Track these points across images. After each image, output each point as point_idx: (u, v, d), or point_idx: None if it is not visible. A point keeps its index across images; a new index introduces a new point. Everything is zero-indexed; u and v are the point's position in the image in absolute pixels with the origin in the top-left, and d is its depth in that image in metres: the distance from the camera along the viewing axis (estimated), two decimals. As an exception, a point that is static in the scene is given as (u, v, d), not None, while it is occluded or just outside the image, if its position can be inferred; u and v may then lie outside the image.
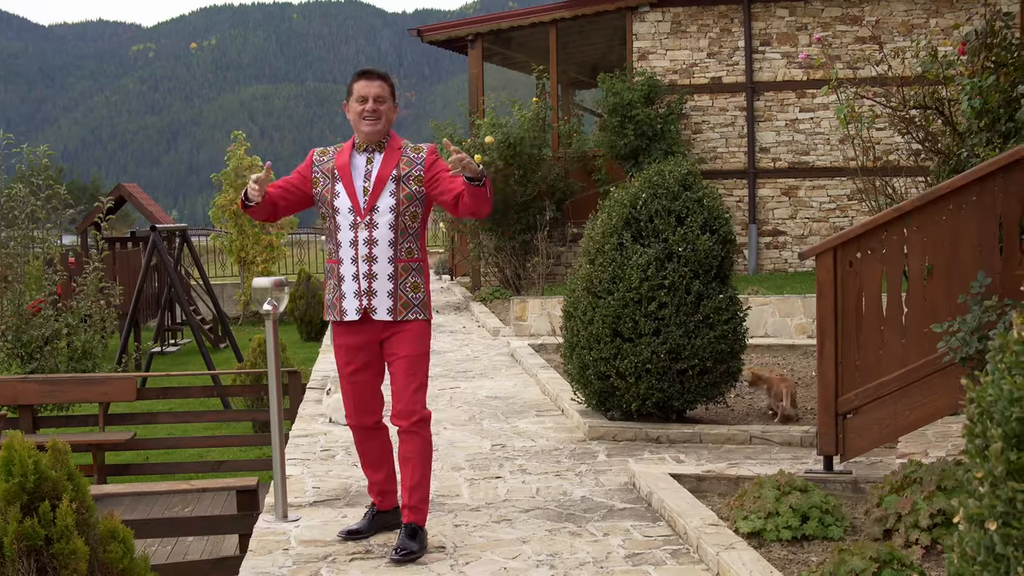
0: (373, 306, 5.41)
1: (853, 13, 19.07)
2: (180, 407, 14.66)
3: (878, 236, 6.11)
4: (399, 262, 5.42)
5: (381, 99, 5.44)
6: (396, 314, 5.41)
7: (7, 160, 15.25)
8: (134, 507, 10.91)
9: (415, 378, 5.43)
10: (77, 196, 18.65)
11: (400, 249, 5.42)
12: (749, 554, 4.94)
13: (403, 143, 5.53)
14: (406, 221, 5.42)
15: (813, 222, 19.39)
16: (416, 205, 5.44)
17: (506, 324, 14.76)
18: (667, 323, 7.90)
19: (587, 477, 6.95)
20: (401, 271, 5.42)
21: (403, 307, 5.42)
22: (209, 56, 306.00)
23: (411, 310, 5.44)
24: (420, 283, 5.47)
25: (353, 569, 5.18)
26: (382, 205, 5.39)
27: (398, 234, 5.41)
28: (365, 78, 5.48)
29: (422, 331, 5.49)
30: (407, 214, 5.42)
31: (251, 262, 26.69)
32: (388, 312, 5.41)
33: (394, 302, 5.41)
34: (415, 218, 5.45)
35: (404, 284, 5.42)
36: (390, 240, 5.39)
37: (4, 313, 14.38)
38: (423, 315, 5.48)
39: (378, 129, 5.44)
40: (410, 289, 5.44)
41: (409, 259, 5.45)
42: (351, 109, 5.49)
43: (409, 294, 5.43)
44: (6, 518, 3.87)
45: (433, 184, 5.42)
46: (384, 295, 5.41)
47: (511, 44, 22.28)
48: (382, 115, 5.44)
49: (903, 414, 6.02)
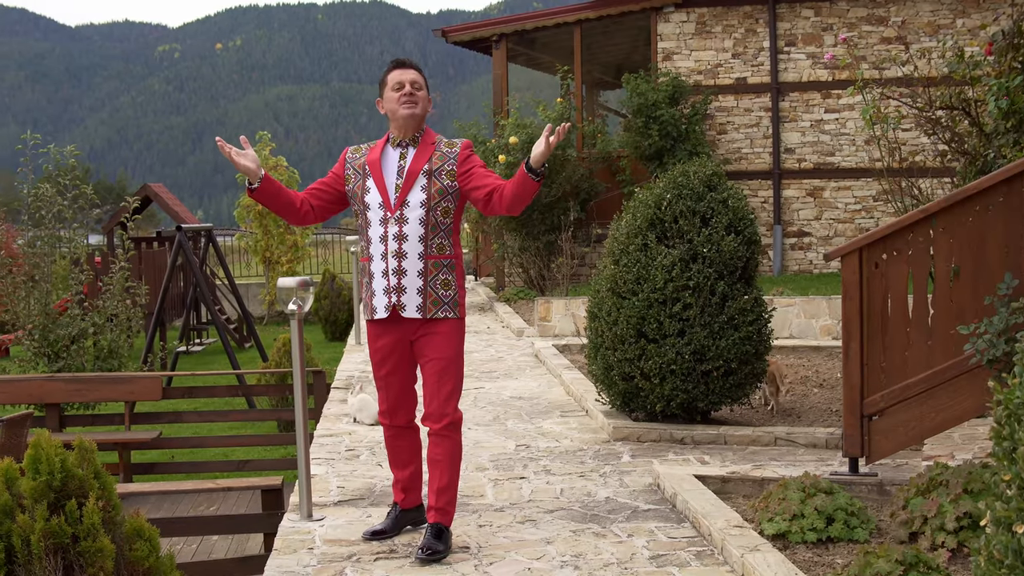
0: (402, 303, 5.33)
1: (879, 13, 19.00)
2: (205, 406, 14.72)
3: (904, 237, 6.08)
4: (429, 258, 5.32)
5: (417, 85, 5.39)
6: (426, 312, 5.32)
7: (34, 160, 15.32)
8: (159, 506, 10.96)
9: (447, 382, 5.36)
10: (103, 196, 18.75)
11: (431, 245, 5.32)
12: (774, 556, 4.93)
13: (437, 138, 5.45)
14: (437, 216, 5.33)
15: (838, 223, 19.32)
16: (448, 200, 5.35)
17: (530, 325, 14.76)
18: (692, 324, 7.88)
19: (611, 478, 6.95)
20: (431, 267, 5.33)
21: (433, 304, 5.33)
22: (234, 56, 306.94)
23: (441, 308, 5.35)
24: (451, 280, 5.38)
25: (378, 568, 5.19)
26: (412, 200, 5.31)
27: (428, 229, 5.31)
28: (400, 67, 5.43)
29: (454, 332, 5.39)
30: (438, 209, 5.32)
31: (276, 262, 26.75)
32: (417, 309, 5.32)
33: (423, 299, 5.32)
34: (447, 213, 5.35)
35: (434, 281, 5.33)
36: (420, 235, 5.30)
37: (31, 312, 14.45)
38: (454, 313, 5.37)
39: (416, 112, 5.36)
40: (440, 286, 5.34)
41: (440, 255, 5.35)
42: (386, 99, 5.41)
43: (439, 291, 5.34)
44: (33, 516, 3.90)
45: (466, 179, 5.33)
46: (413, 292, 5.32)
47: (535, 45, 22.27)
48: (419, 100, 5.37)
49: (929, 416, 5.99)
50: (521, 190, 5.16)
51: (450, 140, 5.47)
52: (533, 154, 5.07)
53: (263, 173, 5.33)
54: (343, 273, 26.46)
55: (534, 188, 5.14)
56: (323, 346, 21.40)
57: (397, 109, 5.36)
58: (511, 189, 5.19)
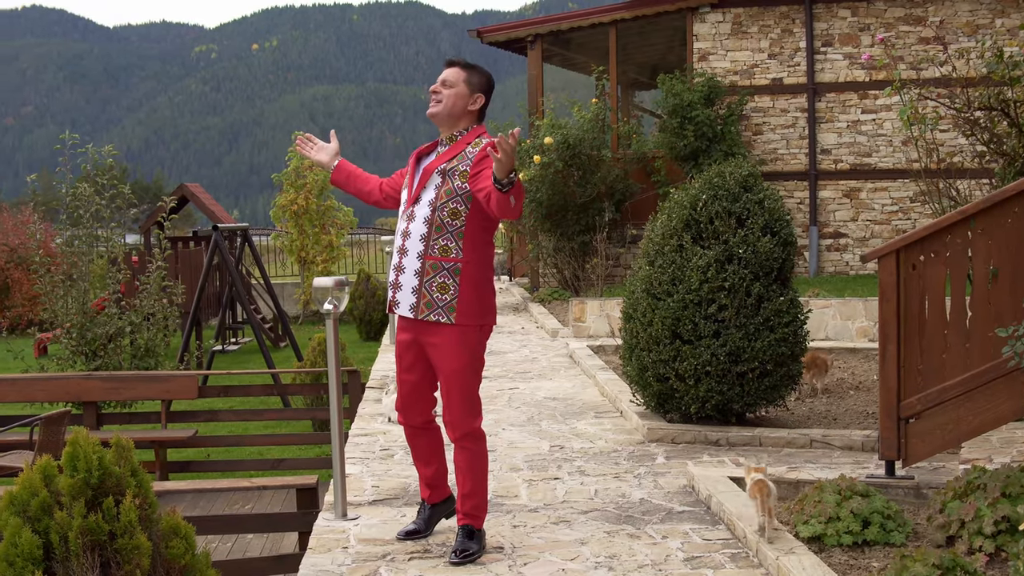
0: (397, 300, 5.32)
1: (917, 13, 18.87)
2: (241, 405, 14.80)
3: (942, 239, 6.04)
4: (428, 258, 5.23)
5: (447, 83, 5.32)
6: (418, 312, 5.25)
7: (73, 160, 15.43)
8: (195, 504, 11.02)
9: (454, 393, 5.28)
10: (140, 196, 18.87)
11: (432, 246, 5.23)
12: (809, 559, 4.91)
13: (476, 139, 5.32)
14: (443, 217, 5.22)
15: (875, 224, 19.21)
16: (457, 202, 5.21)
17: (565, 325, 14.75)
18: (727, 325, 7.86)
19: (646, 479, 6.93)
20: (429, 268, 5.23)
21: (425, 306, 5.23)
22: (270, 57, 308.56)
23: (434, 311, 5.21)
24: (451, 284, 5.21)
25: (412, 568, 5.20)
26: (423, 198, 5.28)
27: (432, 229, 5.23)
28: (445, 66, 5.43)
29: (455, 341, 5.25)
30: (445, 210, 5.22)
31: (311, 262, 26.86)
32: (409, 309, 5.27)
33: (416, 299, 5.24)
34: (456, 215, 5.22)
35: (430, 282, 5.22)
36: (422, 235, 5.24)
37: (69, 311, 14.56)
38: (447, 318, 5.21)
39: (437, 112, 5.32)
40: (436, 289, 5.21)
41: (442, 257, 5.22)
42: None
43: (434, 294, 5.22)
44: (71, 513, 3.92)
45: (474, 180, 5.19)
46: (408, 290, 5.27)
47: (571, 45, 22.26)
48: (444, 97, 5.30)
49: (966, 419, 5.95)
50: (495, 201, 4.99)
51: (479, 140, 5.33)
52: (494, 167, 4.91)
53: (336, 163, 5.61)
54: (378, 273, 26.52)
55: (504, 199, 4.94)
56: (357, 346, 21.46)
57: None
58: (492, 197, 5.03)
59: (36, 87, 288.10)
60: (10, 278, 27.44)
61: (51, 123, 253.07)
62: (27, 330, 21.63)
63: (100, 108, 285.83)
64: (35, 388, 11.55)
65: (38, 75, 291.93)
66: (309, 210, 26.61)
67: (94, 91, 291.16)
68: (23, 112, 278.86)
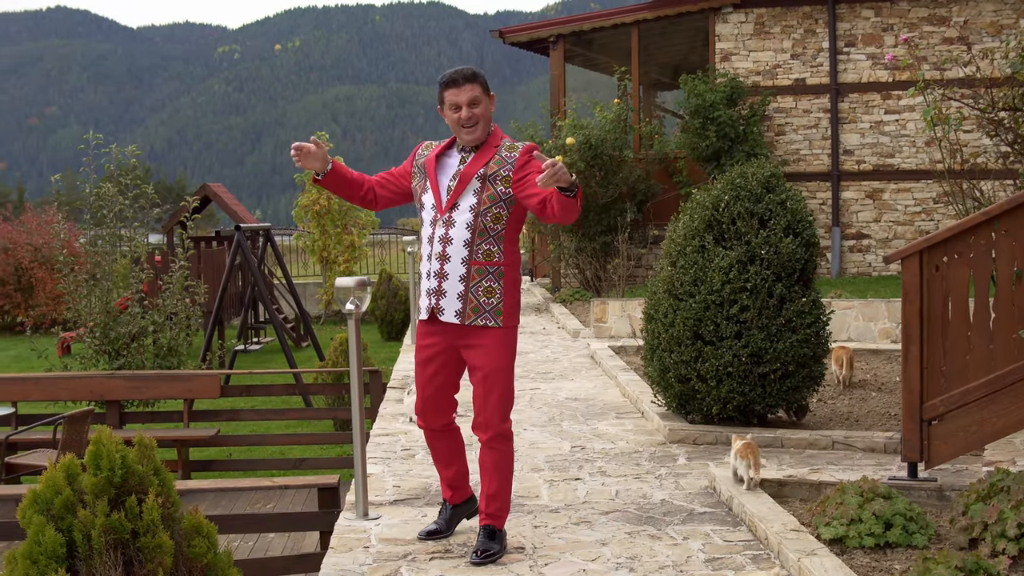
0: (441, 307, 5.27)
1: (940, 13, 18.79)
2: (263, 405, 14.85)
3: (965, 240, 6.02)
4: (473, 263, 5.23)
5: (474, 102, 5.23)
6: (464, 318, 5.24)
7: (96, 160, 15.50)
8: (217, 503, 11.05)
9: (492, 393, 5.28)
10: (163, 195, 18.90)
11: (476, 251, 5.23)
12: (831, 561, 4.89)
13: (502, 141, 5.33)
14: (486, 222, 5.22)
15: (898, 225, 19.13)
16: (500, 207, 5.23)
17: (586, 326, 14.74)
18: (749, 326, 7.84)
19: (667, 480, 6.93)
20: (475, 273, 5.24)
21: (472, 311, 5.24)
22: (293, 57, 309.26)
23: (481, 315, 5.24)
24: (496, 288, 5.25)
25: (433, 568, 5.20)
26: (463, 203, 5.23)
27: (476, 235, 5.22)
28: (454, 86, 5.25)
29: (499, 343, 5.28)
30: (488, 215, 5.22)
31: (333, 262, 26.92)
32: (456, 315, 5.25)
33: (463, 305, 5.24)
34: (498, 220, 5.24)
35: (476, 287, 5.24)
36: (466, 240, 5.22)
37: (92, 310, 14.62)
38: (495, 322, 5.25)
39: (477, 136, 5.27)
40: (483, 293, 5.23)
41: (487, 262, 5.24)
42: (447, 116, 5.30)
43: (481, 298, 5.23)
44: (94, 511, 3.94)
45: (521, 186, 5.19)
46: (453, 297, 5.25)
47: (592, 45, 22.23)
48: (478, 119, 5.24)
49: (990, 421, 5.92)
50: (560, 206, 4.99)
51: (512, 143, 5.33)
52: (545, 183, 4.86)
53: (329, 167, 5.35)
54: (400, 273, 26.57)
55: (572, 203, 4.96)
56: (379, 346, 21.50)
57: (459, 132, 5.29)
58: (556, 204, 5.01)
59: (60, 87, 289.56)
60: (34, 277, 27.59)
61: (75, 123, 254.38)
62: (51, 329, 21.72)
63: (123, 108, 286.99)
64: (58, 387, 11.63)
65: (62, 75, 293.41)
66: (331, 210, 26.67)
67: (117, 91, 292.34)
68: (47, 112, 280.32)
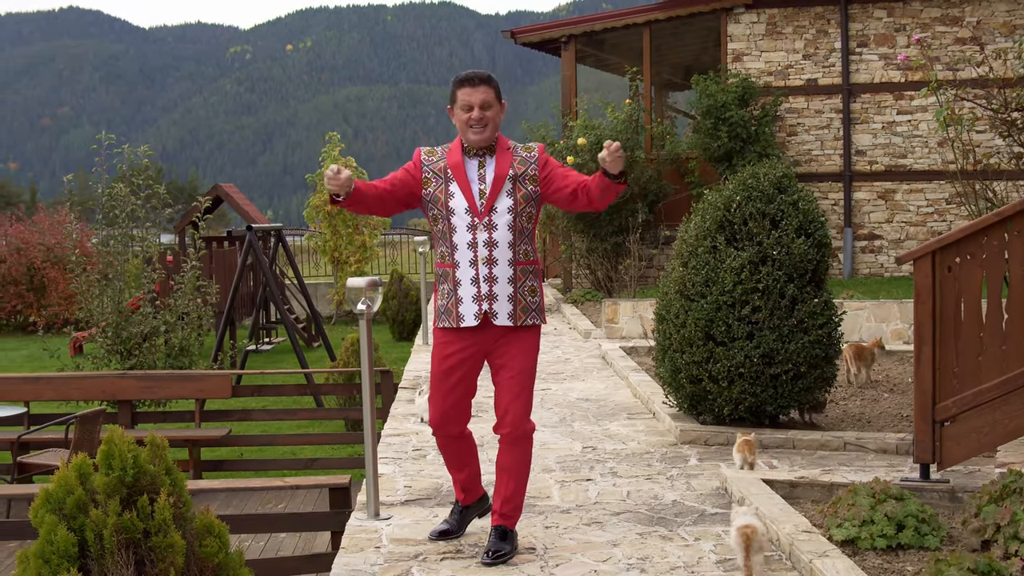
0: (494, 311, 5.27)
1: (953, 14, 18.75)
2: (274, 405, 14.86)
3: (978, 241, 6.00)
4: (518, 264, 5.30)
5: (487, 105, 5.27)
6: (516, 319, 5.29)
7: (109, 160, 15.53)
8: (228, 502, 11.07)
9: (524, 391, 5.31)
10: (175, 196, 18.91)
11: (519, 251, 5.30)
12: (843, 562, 4.88)
13: (512, 144, 5.39)
14: (523, 222, 5.30)
15: (910, 226, 19.09)
16: (532, 206, 5.33)
17: (597, 326, 14.74)
18: (761, 327, 7.83)
19: (678, 481, 6.92)
20: (520, 274, 5.31)
21: (522, 311, 5.30)
22: (304, 58, 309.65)
23: (530, 315, 5.33)
24: (536, 286, 5.37)
25: (444, 568, 5.20)
26: (500, 206, 5.26)
27: (516, 235, 5.28)
28: (468, 85, 5.29)
29: (534, 341, 5.39)
30: (524, 215, 5.30)
31: (344, 262, 26.97)
32: (509, 317, 5.28)
33: (514, 307, 5.28)
34: (530, 219, 5.34)
35: (523, 288, 5.31)
36: (509, 242, 5.27)
37: (104, 310, 14.66)
38: (540, 320, 5.38)
39: (485, 137, 5.29)
40: (528, 293, 5.32)
41: (527, 261, 5.34)
42: (457, 116, 5.33)
43: (527, 298, 5.32)
44: (106, 511, 3.94)
45: (547, 183, 5.31)
46: (505, 299, 5.28)
47: (604, 46, 22.23)
48: (488, 121, 5.27)
49: (1003, 423, 5.90)
50: (601, 191, 5.16)
51: (526, 145, 5.42)
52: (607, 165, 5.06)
53: (351, 189, 5.23)
54: (411, 273, 26.59)
55: (615, 188, 5.15)
56: (390, 346, 21.52)
57: (466, 132, 5.31)
58: (595, 189, 5.17)
59: (72, 88, 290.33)
60: (46, 277, 27.67)
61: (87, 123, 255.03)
62: (63, 329, 21.77)
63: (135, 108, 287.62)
64: (71, 387, 11.65)
65: (74, 76, 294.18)
66: (342, 211, 26.71)
67: (130, 92, 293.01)
68: (60, 113, 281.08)
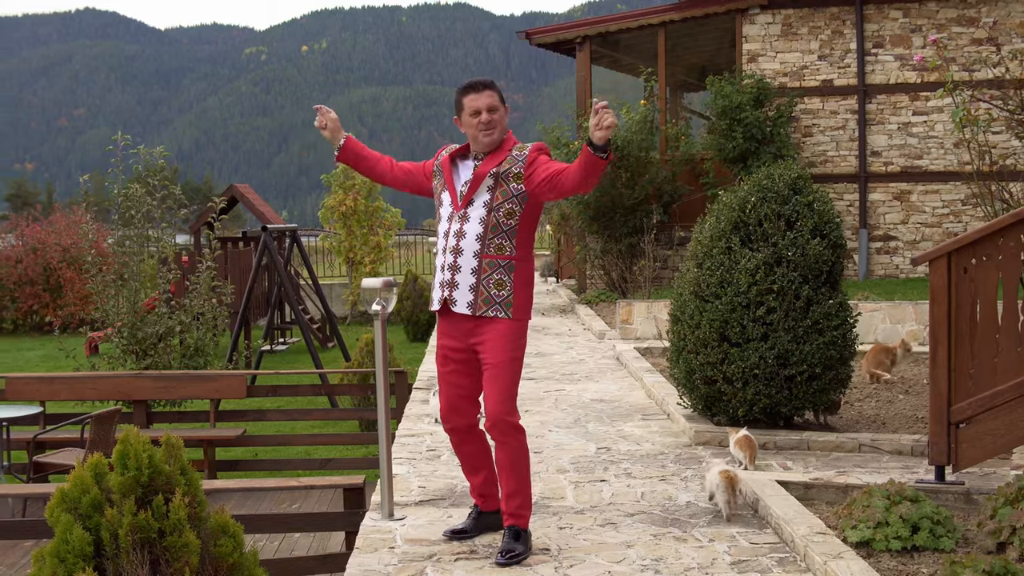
0: (453, 298, 5.42)
1: (969, 14, 18.69)
2: (288, 405, 14.87)
3: (994, 242, 5.98)
4: (485, 257, 5.38)
5: (493, 108, 5.43)
6: (476, 309, 5.38)
7: (124, 161, 15.56)
8: (243, 502, 11.09)
9: (499, 383, 5.37)
10: (191, 196, 18.96)
11: (489, 245, 5.38)
12: (857, 564, 4.87)
13: (515, 144, 5.51)
14: (499, 217, 5.38)
15: (926, 227, 19.03)
16: (513, 203, 5.39)
17: (611, 327, 14.72)
18: (775, 328, 7.81)
19: (692, 482, 6.91)
20: (486, 266, 5.38)
21: (483, 303, 5.38)
22: (320, 59, 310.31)
23: (492, 307, 5.38)
24: (507, 281, 5.40)
25: (458, 569, 5.20)
26: (477, 200, 5.41)
27: (488, 229, 5.38)
28: (473, 91, 5.47)
29: (507, 334, 5.40)
30: (501, 210, 5.38)
31: (359, 263, 26.99)
32: (467, 306, 5.40)
33: (474, 296, 5.38)
34: (511, 215, 5.39)
35: (487, 280, 5.38)
36: (478, 235, 5.38)
37: (120, 310, 14.69)
38: (504, 313, 5.39)
39: (494, 139, 5.45)
40: (493, 286, 5.38)
41: (498, 255, 5.39)
42: (465, 123, 5.48)
43: (492, 290, 5.38)
44: (121, 510, 3.96)
45: (531, 180, 5.37)
46: (465, 288, 5.40)
47: (619, 47, 22.21)
48: (497, 123, 5.43)
49: (1018, 425, 5.88)
50: (588, 169, 5.13)
51: (523, 144, 5.54)
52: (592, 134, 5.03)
53: (342, 142, 5.75)
54: (425, 274, 26.59)
55: (599, 164, 5.08)
56: (405, 346, 21.52)
57: (477, 136, 5.45)
58: (577, 167, 5.17)
59: (89, 89, 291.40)
60: (63, 277, 27.75)
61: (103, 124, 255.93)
62: (79, 329, 21.79)
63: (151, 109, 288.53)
64: (86, 386, 11.68)
65: (91, 77, 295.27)
66: (357, 211, 26.76)
67: (146, 92, 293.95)
68: (76, 113, 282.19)
